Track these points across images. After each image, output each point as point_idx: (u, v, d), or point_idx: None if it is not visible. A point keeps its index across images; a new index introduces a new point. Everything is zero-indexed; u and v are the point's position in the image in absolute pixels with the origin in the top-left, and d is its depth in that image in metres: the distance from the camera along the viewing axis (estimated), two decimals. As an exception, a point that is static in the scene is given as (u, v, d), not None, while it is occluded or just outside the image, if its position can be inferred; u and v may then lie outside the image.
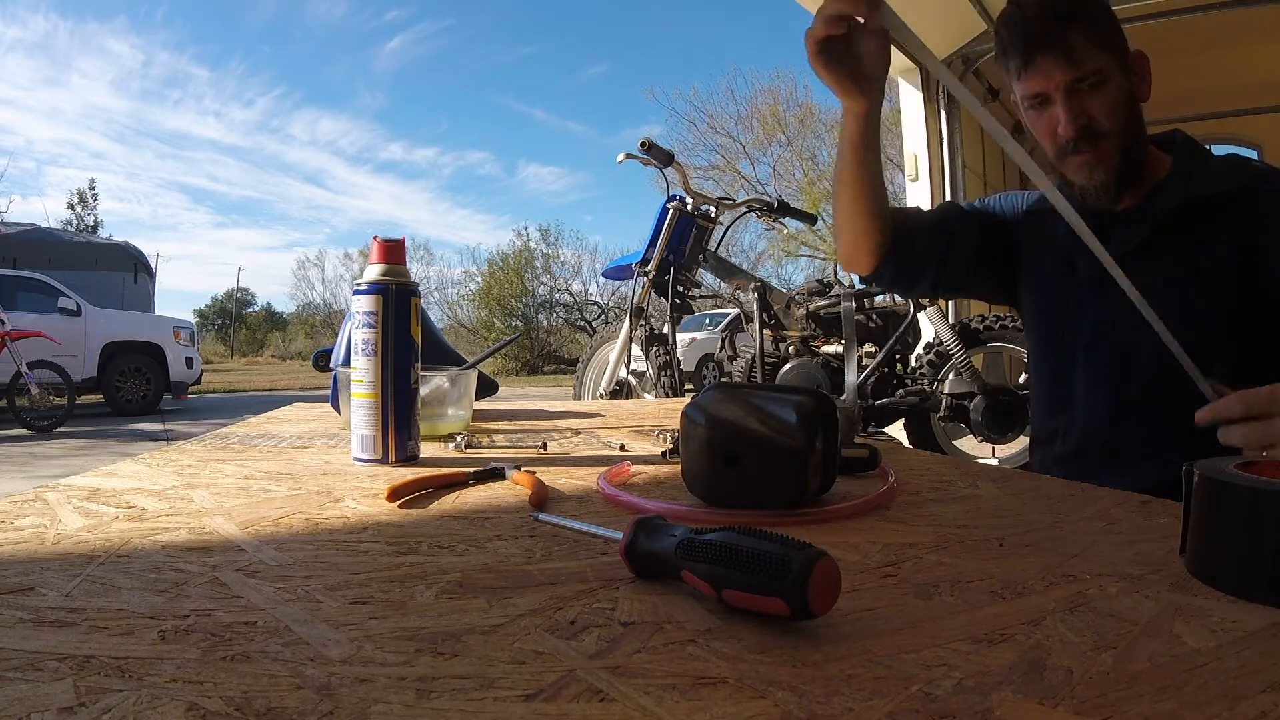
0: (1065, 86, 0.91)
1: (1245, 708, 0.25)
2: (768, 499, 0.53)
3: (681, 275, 2.71)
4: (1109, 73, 0.91)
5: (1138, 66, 0.95)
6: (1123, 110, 0.92)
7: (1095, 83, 0.91)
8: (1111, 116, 0.91)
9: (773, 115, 21.02)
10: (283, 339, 31.97)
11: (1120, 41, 0.94)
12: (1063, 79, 0.91)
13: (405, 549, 0.44)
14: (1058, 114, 0.92)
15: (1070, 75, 0.90)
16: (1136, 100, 0.94)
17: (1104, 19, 0.93)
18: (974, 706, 0.25)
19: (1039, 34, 0.91)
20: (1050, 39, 0.90)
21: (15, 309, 7.23)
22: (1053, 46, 0.91)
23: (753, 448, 0.53)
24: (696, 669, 0.28)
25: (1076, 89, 0.91)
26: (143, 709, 0.25)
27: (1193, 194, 0.91)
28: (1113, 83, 0.91)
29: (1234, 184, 0.91)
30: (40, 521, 0.49)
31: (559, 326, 23.29)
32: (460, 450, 0.81)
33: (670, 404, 1.58)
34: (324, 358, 1.23)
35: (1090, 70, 0.90)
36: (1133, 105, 0.93)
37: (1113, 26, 0.94)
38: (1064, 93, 0.91)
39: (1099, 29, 0.91)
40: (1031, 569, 0.40)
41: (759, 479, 0.53)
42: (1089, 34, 0.90)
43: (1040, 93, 0.93)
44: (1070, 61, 0.90)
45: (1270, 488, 0.36)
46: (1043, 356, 1.09)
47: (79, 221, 25.75)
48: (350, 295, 0.79)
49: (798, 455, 0.52)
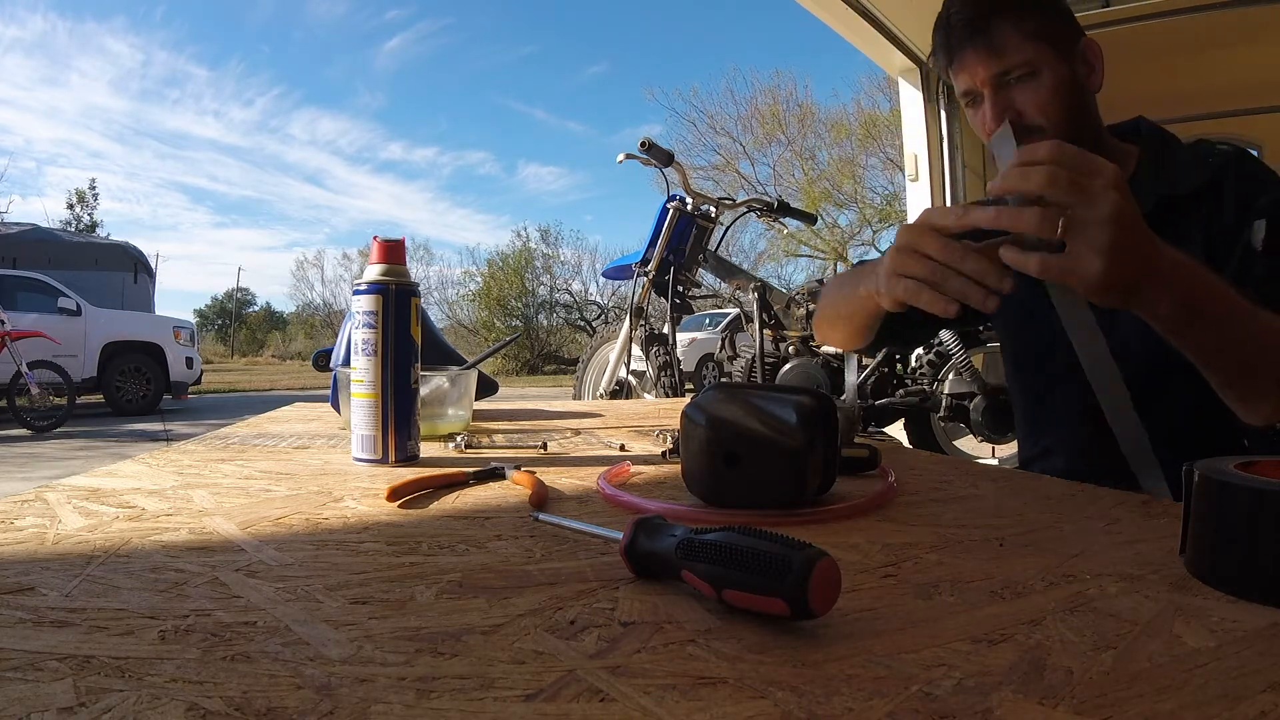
0: (991, 81, 0.87)
1: (1245, 708, 0.25)
2: (768, 499, 0.53)
3: (681, 275, 2.72)
4: (1041, 63, 0.86)
5: (1087, 56, 0.90)
6: (1059, 103, 0.86)
7: (1024, 75, 0.86)
8: (1045, 110, 0.86)
9: (773, 115, 21.04)
10: (283, 339, 31.99)
11: (1063, 31, 0.89)
12: (987, 73, 0.87)
13: (405, 549, 0.44)
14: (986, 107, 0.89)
15: (994, 69, 0.87)
16: (1084, 91, 0.89)
17: (1042, 7, 0.88)
18: (974, 706, 0.25)
19: (963, 29, 0.88)
20: (974, 33, 0.87)
21: (15, 309, 7.24)
22: (975, 40, 0.87)
23: (753, 448, 0.53)
24: (696, 669, 0.28)
25: (1004, 82, 0.87)
26: (143, 709, 0.25)
27: (1163, 196, 0.87)
28: (1047, 74, 0.86)
29: (1204, 178, 0.87)
30: (40, 521, 0.49)
31: (559, 326, 23.30)
32: (460, 450, 0.81)
33: (670, 404, 1.58)
34: (324, 358, 1.23)
35: (1017, 62, 0.86)
36: (1076, 96, 0.88)
37: (1052, 15, 0.89)
38: (991, 87, 0.87)
39: (1033, 19, 0.87)
40: (1031, 569, 0.40)
41: (759, 479, 0.53)
42: (1019, 25, 0.86)
43: (969, 89, 0.90)
44: (994, 55, 0.86)
45: (1270, 488, 0.36)
46: (1021, 380, 1.06)
47: (78, 221, 25.75)
48: (350, 295, 0.79)
49: (798, 455, 0.52)
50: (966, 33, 0.88)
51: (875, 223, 18.88)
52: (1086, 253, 0.58)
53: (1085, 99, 0.89)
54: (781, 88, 21.81)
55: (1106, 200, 0.57)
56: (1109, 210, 0.57)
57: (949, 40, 0.90)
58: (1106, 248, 0.57)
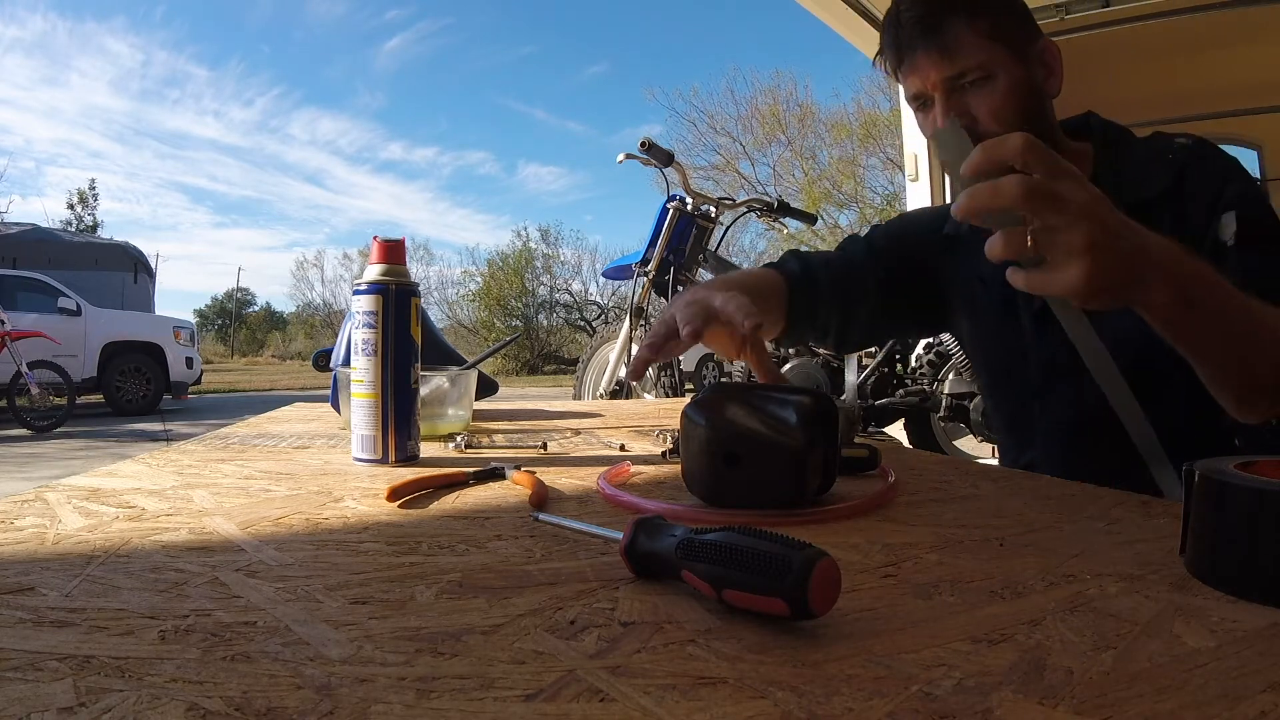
0: (943, 84, 0.82)
1: (1245, 708, 0.25)
2: (768, 499, 0.53)
3: (681, 275, 2.72)
4: (997, 66, 0.82)
5: (1045, 58, 0.85)
6: (1015, 108, 0.82)
7: (979, 78, 0.82)
8: (999, 117, 0.81)
9: (773, 115, 21.02)
10: (283, 339, 31.97)
11: (1020, 32, 0.84)
12: (939, 76, 0.82)
13: (405, 549, 0.44)
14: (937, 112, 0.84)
15: (947, 71, 0.82)
16: (1041, 96, 0.85)
17: (997, 7, 0.84)
18: (974, 706, 0.25)
19: (913, 27, 0.83)
20: (925, 33, 0.82)
21: (15, 309, 7.24)
22: (928, 41, 0.82)
23: (753, 448, 0.53)
24: (696, 669, 0.28)
25: (957, 86, 0.82)
26: (143, 709, 0.25)
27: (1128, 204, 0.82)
28: (1002, 78, 0.82)
29: (1168, 178, 0.82)
30: (40, 521, 0.49)
31: (559, 326, 23.28)
32: (460, 450, 0.81)
33: (670, 404, 1.58)
34: (324, 358, 1.23)
35: (972, 65, 0.81)
36: (1032, 101, 0.83)
37: (1010, 14, 0.85)
38: (942, 91, 0.83)
39: (988, 18, 0.82)
40: (1031, 569, 0.40)
41: (759, 479, 0.53)
42: (974, 24, 0.81)
43: (919, 93, 0.85)
44: (947, 56, 0.81)
45: (1270, 488, 0.36)
46: (996, 396, 1.02)
47: (79, 221, 25.76)
48: (350, 295, 0.79)
49: (798, 455, 0.52)
50: (917, 31, 0.83)
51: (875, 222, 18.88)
52: (1065, 261, 0.53)
53: (1042, 103, 0.85)
54: (781, 88, 21.80)
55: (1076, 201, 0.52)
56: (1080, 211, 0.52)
57: (898, 39, 0.85)
58: (1085, 250, 0.53)
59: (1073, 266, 0.53)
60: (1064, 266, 0.53)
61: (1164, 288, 0.58)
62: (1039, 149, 0.53)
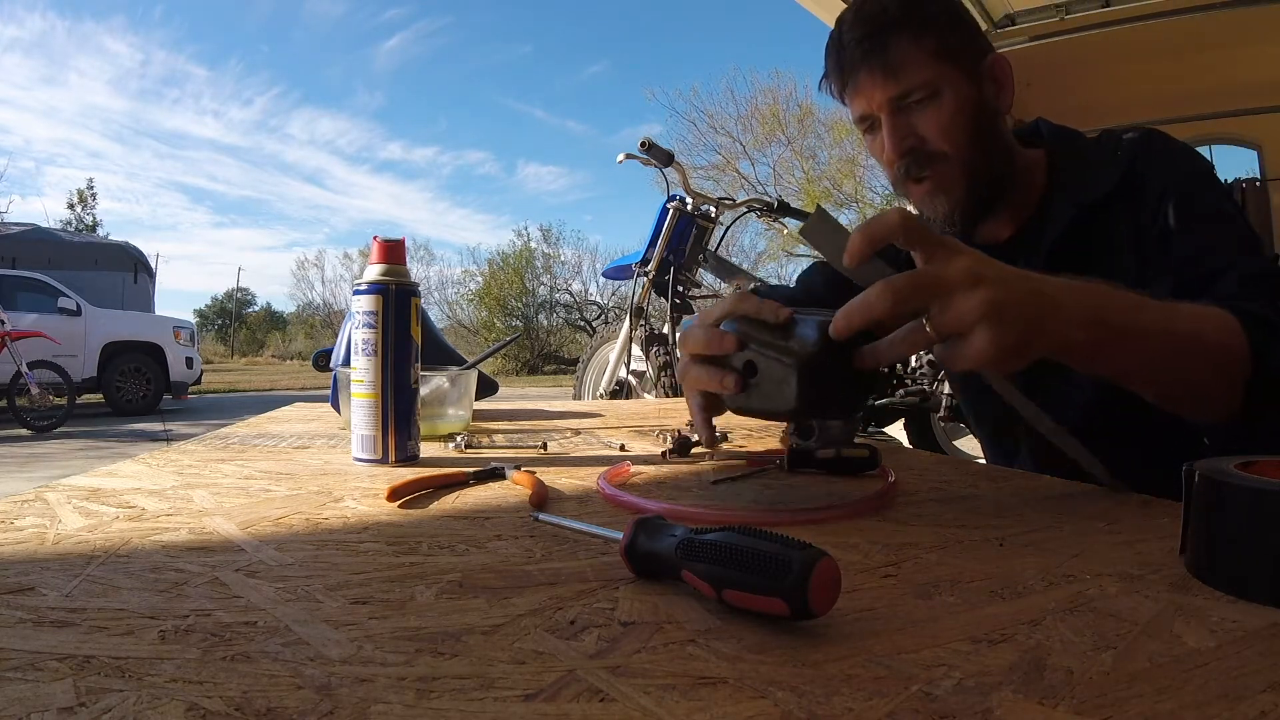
0: (889, 104, 0.80)
1: (1245, 708, 0.25)
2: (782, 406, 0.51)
3: (681, 275, 2.72)
4: (944, 84, 0.80)
5: (995, 74, 0.83)
6: (965, 126, 0.80)
7: (924, 97, 0.80)
8: (948, 135, 0.80)
9: (773, 115, 21.02)
10: (283, 339, 31.98)
11: (968, 47, 0.83)
12: (884, 97, 0.80)
13: (405, 549, 0.44)
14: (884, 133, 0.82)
15: (892, 91, 0.80)
16: (991, 113, 0.83)
17: (942, 23, 0.81)
18: (974, 706, 0.25)
19: (856, 48, 0.81)
20: (868, 53, 0.80)
21: (15, 309, 7.24)
22: (870, 61, 0.80)
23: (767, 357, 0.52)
24: (696, 669, 0.28)
25: (903, 106, 0.81)
26: (143, 709, 0.25)
27: (1081, 205, 0.81)
28: (950, 95, 0.80)
29: (1117, 175, 0.80)
30: (40, 521, 0.49)
31: (559, 326, 23.29)
32: (460, 450, 0.81)
33: (670, 404, 1.58)
34: (324, 358, 1.23)
35: (917, 83, 0.79)
36: (982, 118, 0.82)
37: (955, 31, 0.82)
38: (888, 112, 0.81)
39: (933, 35, 0.80)
40: (1031, 569, 0.40)
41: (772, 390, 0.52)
42: (918, 42, 0.79)
43: (864, 114, 0.83)
44: (891, 76, 0.79)
45: (1270, 488, 0.36)
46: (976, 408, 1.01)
47: (78, 221, 25.75)
48: (350, 295, 0.79)
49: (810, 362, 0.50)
50: (860, 52, 0.81)
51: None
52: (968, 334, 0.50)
53: (992, 120, 0.83)
54: (781, 88, 21.80)
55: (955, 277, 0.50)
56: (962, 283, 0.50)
57: (841, 61, 0.83)
58: (981, 318, 0.49)
59: (976, 338, 0.50)
60: (969, 340, 0.50)
61: (1076, 326, 0.55)
62: (913, 227, 0.51)
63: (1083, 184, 0.82)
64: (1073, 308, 0.55)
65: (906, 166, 0.82)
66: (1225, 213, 0.77)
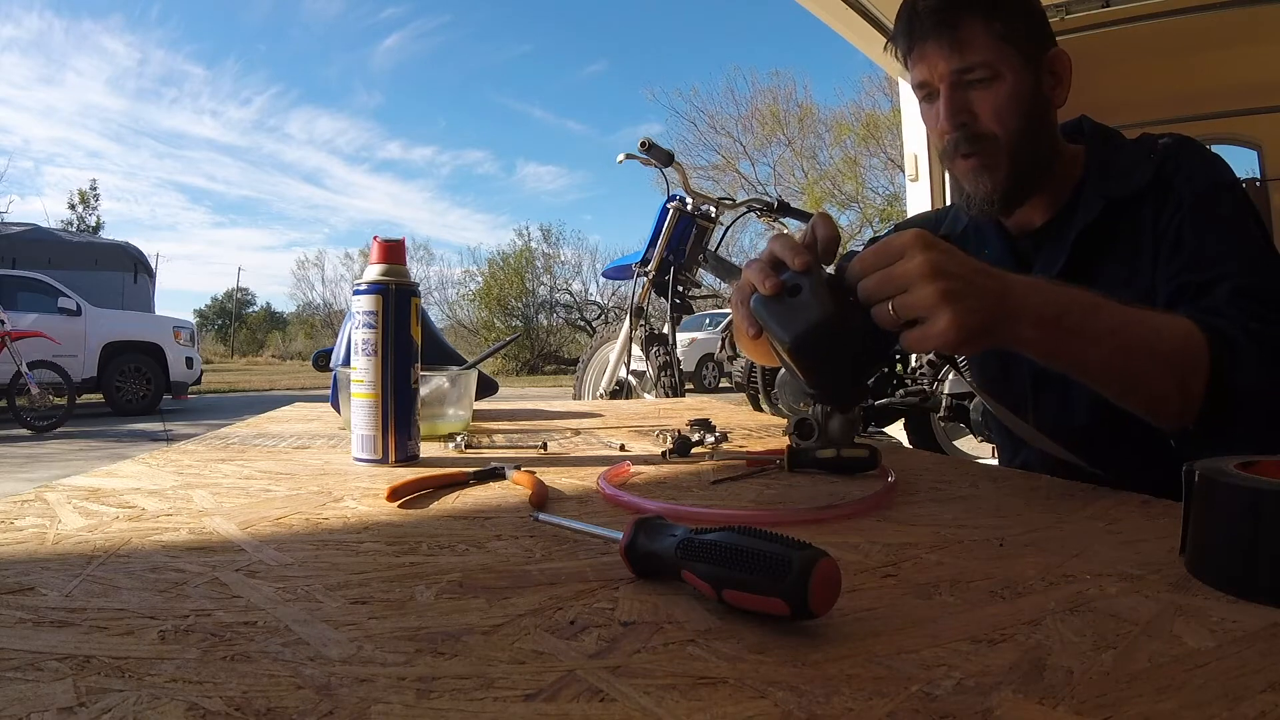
0: (950, 76, 0.83)
1: (1245, 708, 0.25)
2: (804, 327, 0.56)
3: (681, 275, 2.71)
4: (1005, 68, 0.82)
5: (1055, 67, 0.86)
6: (1017, 112, 0.83)
7: (985, 77, 0.82)
8: (1000, 118, 0.82)
9: (772, 115, 21.04)
10: (283, 339, 31.99)
11: (1034, 36, 0.85)
12: (946, 69, 0.82)
13: (405, 549, 0.44)
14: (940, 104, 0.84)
15: (955, 64, 0.82)
16: (1044, 103, 0.85)
17: (1014, 9, 0.84)
18: (974, 706, 0.25)
19: (929, 17, 0.83)
20: (938, 25, 0.82)
21: (15, 309, 7.24)
22: (939, 33, 0.82)
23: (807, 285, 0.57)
24: (696, 669, 0.28)
25: (962, 81, 0.83)
26: (143, 709, 0.25)
27: (1112, 198, 0.83)
28: (1008, 80, 0.82)
29: (1148, 175, 0.82)
30: (40, 521, 0.49)
31: (559, 326, 23.28)
32: (460, 450, 0.81)
33: (670, 404, 1.58)
34: (324, 358, 1.23)
35: (979, 61, 0.81)
36: (1035, 108, 0.84)
37: (1025, 18, 0.85)
38: (948, 84, 0.83)
39: (1004, 19, 0.82)
40: (1031, 569, 0.40)
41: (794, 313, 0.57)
42: (989, 24, 0.81)
43: (925, 82, 0.86)
44: (956, 50, 0.81)
45: (1270, 488, 0.36)
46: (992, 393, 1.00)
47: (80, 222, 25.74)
48: (350, 295, 0.79)
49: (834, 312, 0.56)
50: (931, 22, 0.83)
51: (876, 223, 18.88)
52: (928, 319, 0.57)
53: (1044, 110, 0.86)
54: (781, 87, 21.84)
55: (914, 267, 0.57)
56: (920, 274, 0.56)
57: (912, 27, 0.85)
58: (942, 303, 0.56)
59: (938, 320, 0.57)
60: (929, 325, 0.57)
61: (1031, 324, 0.62)
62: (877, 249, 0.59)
63: (1115, 180, 0.84)
64: (1029, 306, 0.62)
65: (956, 141, 0.85)
66: (1239, 225, 0.79)
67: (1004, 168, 0.84)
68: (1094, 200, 0.84)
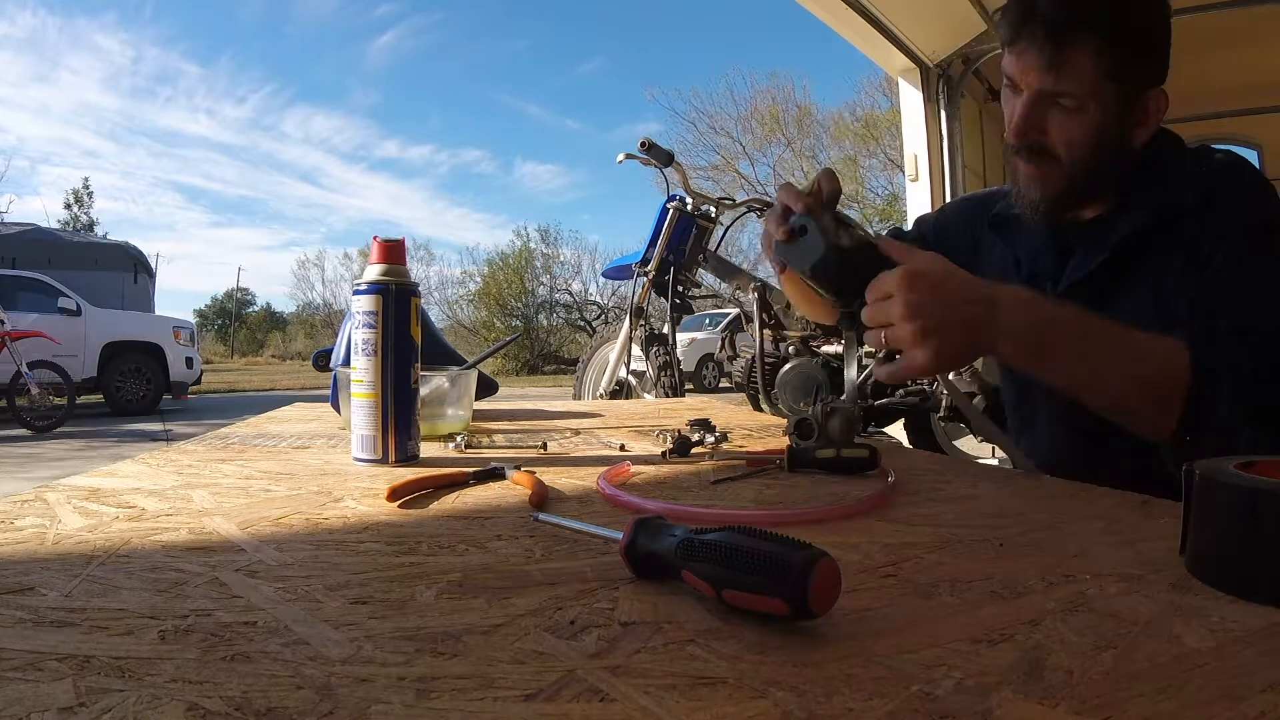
0: (1036, 91, 0.81)
1: (1245, 708, 0.25)
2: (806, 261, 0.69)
3: (681, 275, 2.71)
4: (1095, 104, 0.79)
5: (1149, 105, 0.83)
6: (1089, 146, 0.81)
7: (1072, 107, 0.80)
8: (1070, 148, 0.81)
9: (772, 115, 21.04)
10: (283, 339, 31.98)
11: (1141, 74, 0.81)
12: (1036, 82, 0.80)
13: (405, 549, 0.44)
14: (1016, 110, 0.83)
15: (1045, 85, 0.80)
16: (1121, 141, 0.83)
17: (1134, 42, 0.80)
18: (974, 706, 0.25)
19: (1039, 25, 0.79)
20: (1048, 38, 0.79)
21: (15, 309, 7.23)
22: (1045, 45, 0.79)
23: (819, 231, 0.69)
24: (696, 669, 0.28)
25: (1048, 99, 0.81)
26: (143, 709, 0.25)
27: (1161, 206, 0.82)
28: (1093, 116, 0.80)
29: (1199, 192, 0.80)
30: (40, 521, 0.49)
31: (559, 326, 23.29)
32: (460, 450, 0.81)
33: (670, 404, 1.58)
34: (324, 358, 1.23)
35: (1071, 91, 0.79)
36: (1109, 144, 0.82)
37: (1141, 54, 0.81)
38: (1033, 97, 0.81)
39: (1116, 56, 0.78)
40: (1031, 569, 0.40)
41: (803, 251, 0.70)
42: (1097, 57, 0.78)
43: (1013, 77, 0.84)
44: (1053, 70, 0.79)
45: (1270, 488, 0.36)
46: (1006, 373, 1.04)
47: (75, 220, 25.74)
48: (350, 295, 0.79)
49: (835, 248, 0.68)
50: (1043, 32, 0.79)
51: (876, 222, 18.88)
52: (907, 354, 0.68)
53: (1118, 147, 0.83)
54: (780, 88, 21.83)
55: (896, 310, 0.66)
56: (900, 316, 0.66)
57: (1022, 22, 0.81)
58: (915, 343, 0.66)
59: (915, 355, 0.67)
60: (909, 357, 0.68)
61: (1012, 342, 0.71)
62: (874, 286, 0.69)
63: (1165, 191, 0.83)
64: (1011, 326, 0.70)
65: (1019, 148, 0.85)
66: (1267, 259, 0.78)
67: (1058, 188, 0.84)
68: (1140, 209, 0.84)
